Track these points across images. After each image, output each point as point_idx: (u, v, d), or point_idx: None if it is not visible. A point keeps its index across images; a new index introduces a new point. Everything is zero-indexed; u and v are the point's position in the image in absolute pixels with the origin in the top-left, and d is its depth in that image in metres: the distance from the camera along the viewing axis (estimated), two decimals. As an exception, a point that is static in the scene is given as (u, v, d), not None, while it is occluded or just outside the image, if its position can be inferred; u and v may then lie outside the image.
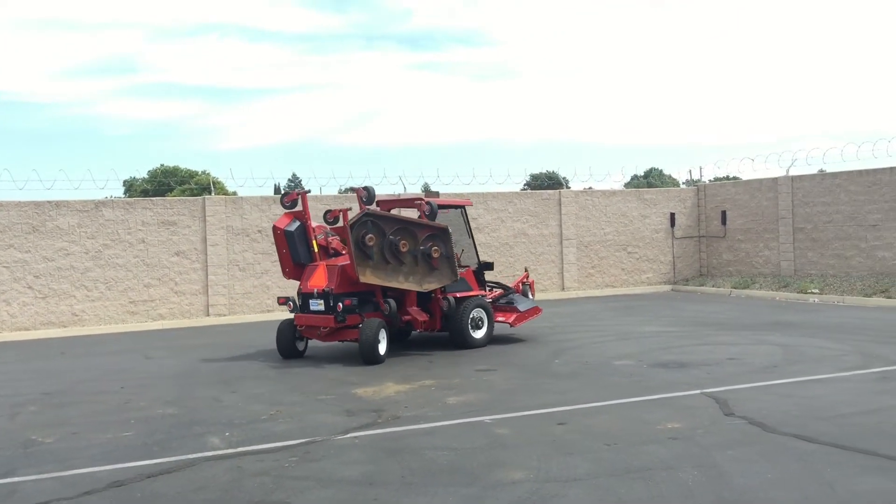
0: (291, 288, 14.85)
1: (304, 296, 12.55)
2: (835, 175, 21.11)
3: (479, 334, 13.16)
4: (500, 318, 13.77)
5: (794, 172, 22.18)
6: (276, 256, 19.67)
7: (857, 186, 20.37)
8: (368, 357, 11.76)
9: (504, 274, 22.11)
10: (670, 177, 60.07)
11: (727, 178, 32.02)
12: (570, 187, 27.68)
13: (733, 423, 7.74)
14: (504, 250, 22.19)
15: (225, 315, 19.30)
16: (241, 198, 20.44)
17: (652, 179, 62.11)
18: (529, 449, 7.09)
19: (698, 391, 9.18)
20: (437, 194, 15.07)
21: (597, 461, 6.67)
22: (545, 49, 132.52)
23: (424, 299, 13.08)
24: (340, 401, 9.37)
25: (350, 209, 13.52)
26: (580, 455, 6.85)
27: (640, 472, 6.35)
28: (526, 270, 15.70)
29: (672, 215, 24.22)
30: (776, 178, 22.37)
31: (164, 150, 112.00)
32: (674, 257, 24.21)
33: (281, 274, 18.20)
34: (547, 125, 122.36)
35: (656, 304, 19.66)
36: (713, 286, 22.63)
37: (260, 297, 19.73)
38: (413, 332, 13.77)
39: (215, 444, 7.61)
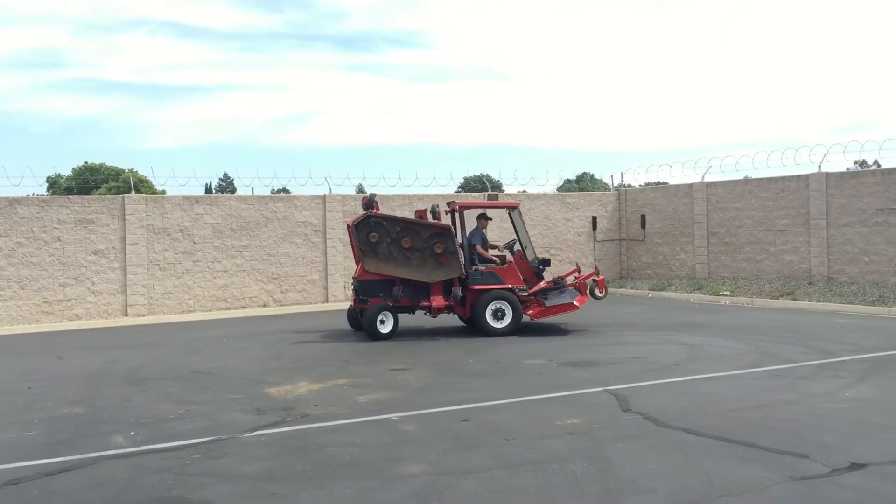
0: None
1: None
2: (746, 182, 21.96)
3: (499, 324, 14.30)
4: (527, 312, 14.70)
5: (709, 178, 22.98)
6: (197, 256, 19.57)
7: (767, 193, 21.23)
8: (369, 333, 14.12)
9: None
10: (601, 181, 61.31)
11: (657, 183, 32.93)
12: (504, 190, 28.08)
13: (629, 419, 8.08)
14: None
15: (144, 315, 19.03)
16: (163, 197, 20.18)
17: (584, 183, 63.27)
18: (431, 444, 7.29)
19: (601, 388, 9.53)
20: (496, 196, 17.27)
21: (494, 455, 6.91)
22: (482, 53, 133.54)
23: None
24: (251, 400, 9.42)
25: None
26: (479, 449, 7.08)
27: (533, 464, 6.60)
28: (595, 268, 16.13)
29: (594, 219, 24.81)
30: (692, 184, 23.14)
31: (91, 147, 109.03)
32: (595, 260, 24.79)
33: (202, 273, 18.07)
34: (484, 128, 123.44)
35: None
36: (632, 288, 23.26)
37: (181, 297, 19.52)
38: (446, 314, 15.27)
39: (119, 443, 7.60)
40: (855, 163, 32.32)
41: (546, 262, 15.44)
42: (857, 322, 15.20)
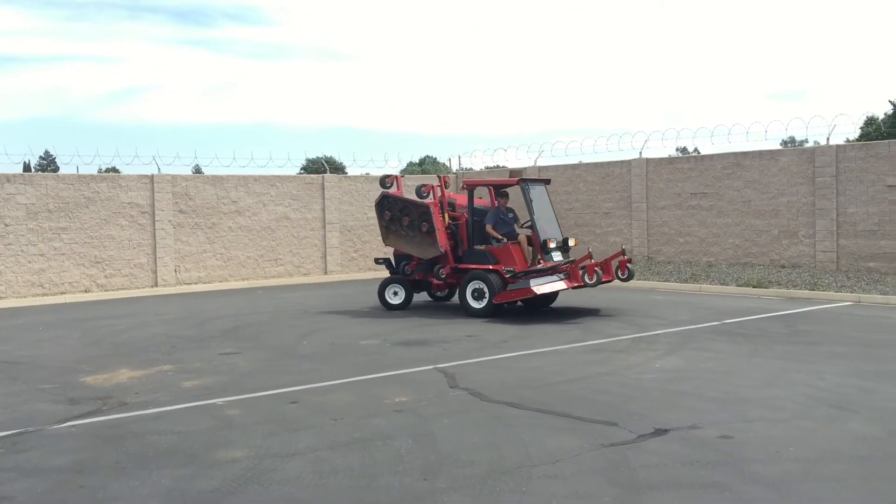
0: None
1: None
2: (575, 167, 22.95)
3: (478, 305, 14.14)
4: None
5: (542, 163, 23.81)
6: (9, 240, 18.17)
7: (594, 177, 22.29)
8: (381, 302, 15.44)
9: (266, 258, 21.88)
10: (444, 164, 62.11)
11: (496, 167, 33.66)
12: (346, 172, 27.86)
13: (455, 395, 8.28)
14: (265, 234, 21.92)
15: (-52, 303, 17.46)
16: (-31, 174, 18.55)
17: (426, 166, 63.88)
18: (256, 428, 7.15)
19: (432, 367, 9.69)
20: (520, 172, 16.59)
21: (320, 436, 6.88)
22: (322, 32, 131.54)
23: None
24: (64, 389, 8.88)
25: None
26: (305, 431, 7.03)
27: (359, 443, 6.63)
28: (622, 249, 14.88)
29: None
30: (524, 168, 23.90)
31: None
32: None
33: (15, 257, 17.00)
34: (325, 110, 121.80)
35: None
36: (469, 269, 23.77)
37: (-9, 282, 18.05)
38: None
39: None
40: (677, 149, 34.56)
41: (565, 242, 14.62)
42: (672, 298, 16.29)
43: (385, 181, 15.61)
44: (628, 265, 14.34)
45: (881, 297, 14.98)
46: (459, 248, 14.85)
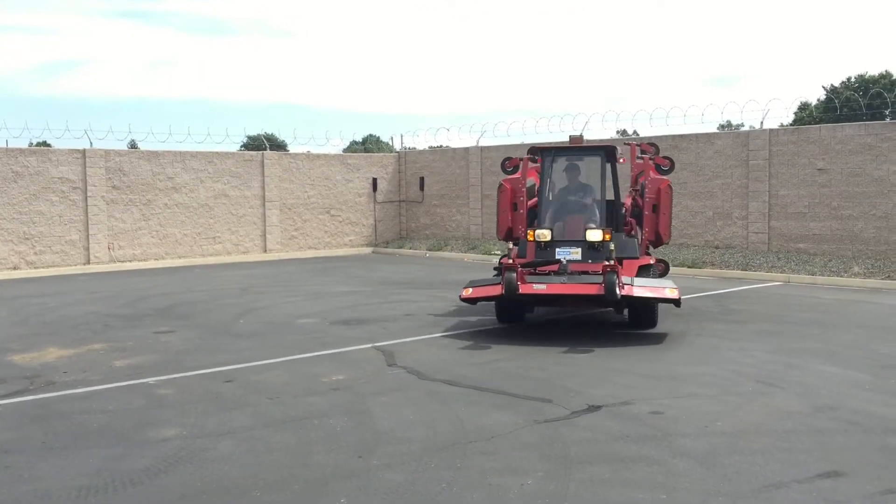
0: None
1: None
2: (516, 147, 23.03)
3: None
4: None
5: (484, 143, 23.87)
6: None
7: (536, 158, 22.40)
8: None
9: (203, 236, 21.50)
10: (387, 144, 61.75)
11: (438, 147, 33.66)
12: (287, 150, 27.46)
13: (393, 373, 8.28)
14: (203, 211, 21.52)
15: None
16: None
17: (370, 145, 63.41)
18: (190, 407, 7.05)
19: (370, 345, 9.68)
20: (581, 138, 12.65)
21: (256, 415, 6.81)
22: (260, 7, 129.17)
23: None
24: (-10, 369, 8.62)
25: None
26: (240, 410, 6.96)
27: (295, 421, 6.59)
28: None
29: (374, 180, 24.98)
30: (468, 148, 23.93)
31: None
32: (375, 221, 25.03)
33: None
34: (265, 86, 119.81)
35: (354, 265, 20.24)
36: (411, 248, 23.78)
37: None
38: None
39: None
40: (617, 132, 35.00)
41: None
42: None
43: (506, 166, 12.25)
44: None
45: (809, 278, 15.46)
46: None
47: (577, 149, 11.48)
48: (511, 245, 10.43)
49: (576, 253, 10.41)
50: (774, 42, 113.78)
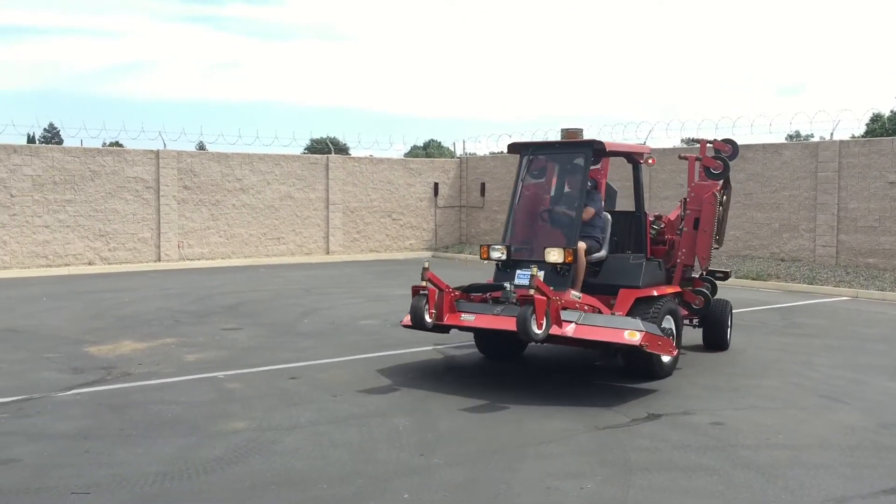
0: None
1: None
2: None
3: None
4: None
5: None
6: (14, 210, 18.25)
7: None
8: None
9: (269, 236, 22.00)
10: (448, 149, 62.07)
11: (500, 152, 33.79)
12: (350, 154, 27.91)
13: (453, 375, 8.41)
14: (269, 213, 22.02)
15: (-48, 271, 17.61)
16: (-25, 144, 18.64)
17: (431, 150, 63.82)
18: (257, 401, 7.29)
19: (431, 347, 9.83)
20: (578, 132, 10.99)
21: (320, 411, 7.02)
22: (325, 12, 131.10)
23: None
24: (69, 359, 9.02)
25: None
26: (305, 406, 7.17)
27: (358, 419, 6.77)
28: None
29: (436, 185, 25.21)
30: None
31: None
32: (436, 225, 25.25)
33: (20, 228, 16.94)
34: (329, 90, 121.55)
35: (414, 268, 20.29)
36: (470, 253, 23.89)
37: (-5, 252, 18.19)
38: None
39: (-84, 404, 7.10)
40: (682, 140, 34.69)
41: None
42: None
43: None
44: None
45: (878, 293, 15.08)
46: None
47: (557, 145, 9.16)
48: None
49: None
50: (844, 51, 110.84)
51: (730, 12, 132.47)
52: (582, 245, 8.34)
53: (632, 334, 7.31)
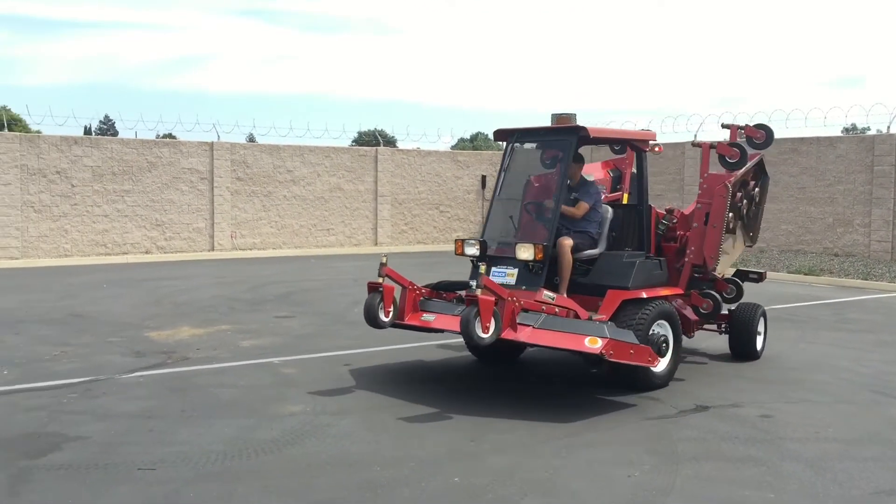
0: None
1: None
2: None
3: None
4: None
5: (594, 143, 23.80)
6: (75, 200, 18.86)
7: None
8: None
9: (318, 227, 22.35)
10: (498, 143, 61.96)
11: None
12: (397, 146, 28.20)
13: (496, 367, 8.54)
14: (319, 204, 22.36)
15: (17, 258, 18.27)
16: (39, 136, 19.29)
17: (478, 143, 63.90)
18: (311, 386, 7.51)
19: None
20: (571, 117, 10.08)
21: (372, 397, 7.21)
22: (374, 5, 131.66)
23: None
24: (131, 343, 9.37)
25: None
26: (357, 391, 7.37)
27: (409, 405, 6.93)
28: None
29: (483, 178, 25.30)
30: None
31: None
32: (483, 218, 25.32)
33: (80, 217, 17.33)
34: (379, 83, 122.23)
35: (462, 260, 20.49)
36: (517, 246, 23.96)
37: (57, 240, 18.82)
38: None
39: (-10, 382, 7.48)
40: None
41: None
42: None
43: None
44: None
45: (935, 290, 14.79)
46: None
47: (543, 132, 8.76)
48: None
49: (511, 275, 7.72)
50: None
51: (790, 4, 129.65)
52: (567, 241, 7.69)
53: (592, 341, 6.54)
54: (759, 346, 8.98)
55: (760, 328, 9.02)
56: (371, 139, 33.89)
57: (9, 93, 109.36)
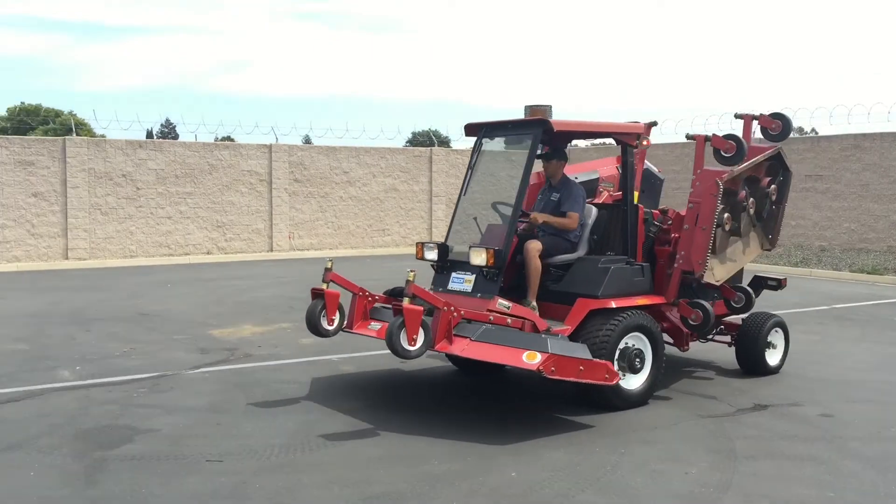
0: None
1: None
2: (683, 146, 22.63)
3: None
4: None
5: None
6: (140, 202, 19.44)
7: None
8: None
9: (374, 228, 22.62)
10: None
11: (602, 143, 33.51)
12: (451, 146, 28.36)
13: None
14: (374, 205, 22.63)
15: (85, 259, 18.92)
16: (105, 140, 19.92)
17: (531, 143, 63.64)
18: (369, 383, 7.69)
19: (534, 336, 10.01)
20: (545, 109, 9.37)
21: (430, 394, 7.37)
22: (436, 5, 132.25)
23: None
24: (195, 340, 9.67)
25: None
26: (415, 388, 7.55)
27: (466, 401, 7.04)
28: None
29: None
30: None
31: (26, 86, 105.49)
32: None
33: (145, 219, 17.75)
34: (435, 84, 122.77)
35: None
36: (572, 246, 23.90)
37: (123, 242, 19.42)
38: None
39: (65, 377, 7.81)
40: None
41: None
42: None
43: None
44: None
45: None
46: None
47: (510, 125, 8.08)
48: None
49: (469, 281, 7.22)
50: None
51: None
52: (535, 245, 7.11)
53: (531, 356, 5.91)
54: (772, 360, 8.13)
55: (774, 340, 8.19)
56: (425, 140, 34.01)
57: (73, 98, 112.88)
